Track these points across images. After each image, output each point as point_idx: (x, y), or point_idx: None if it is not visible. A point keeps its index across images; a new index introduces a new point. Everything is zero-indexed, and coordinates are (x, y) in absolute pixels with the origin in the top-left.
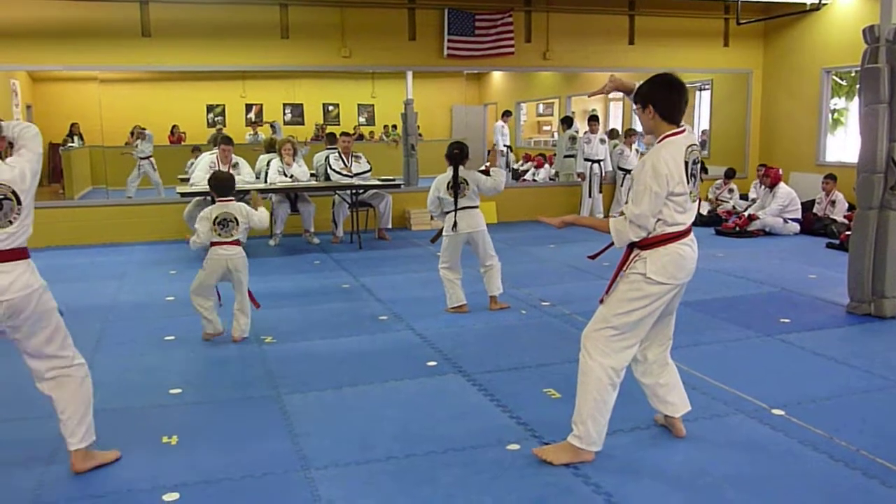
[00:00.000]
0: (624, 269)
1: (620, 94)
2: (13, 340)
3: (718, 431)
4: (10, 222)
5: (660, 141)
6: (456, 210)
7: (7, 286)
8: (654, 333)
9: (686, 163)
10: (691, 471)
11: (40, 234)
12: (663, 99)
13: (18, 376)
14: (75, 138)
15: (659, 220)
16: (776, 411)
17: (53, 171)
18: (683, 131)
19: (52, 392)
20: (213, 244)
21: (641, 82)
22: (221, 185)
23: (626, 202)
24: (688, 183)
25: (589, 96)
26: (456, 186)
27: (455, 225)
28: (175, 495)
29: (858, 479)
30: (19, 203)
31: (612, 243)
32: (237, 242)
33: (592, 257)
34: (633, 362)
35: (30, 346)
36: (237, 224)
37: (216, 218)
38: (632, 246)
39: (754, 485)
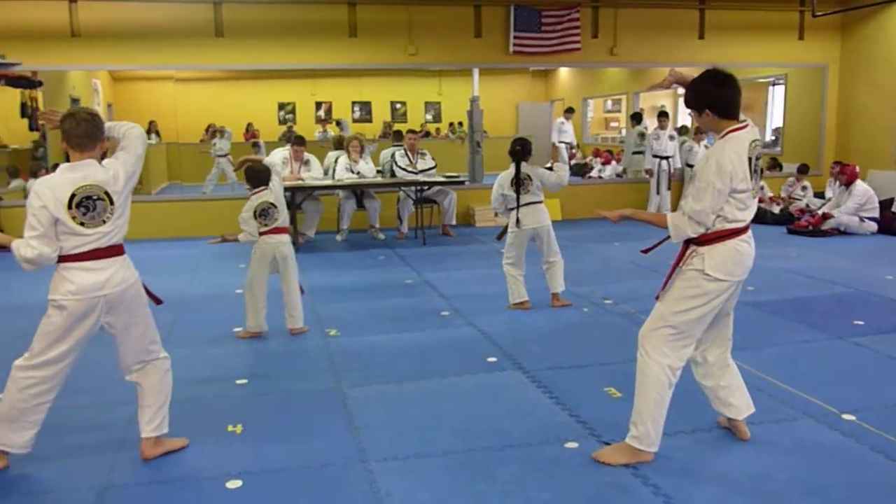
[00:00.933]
0: (681, 265)
1: None
2: (111, 335)
3: (784, 435)
4: (104, 222)
5: (723, 136)
6: (519, 206)
7: (104, 282)
8: (713, 335)
9: (749, 158)
10: (754, 475)
11: None
12: (716, 98)
13: (91, 365)
14: (153, 135)
15: (719, 216)
16: (847, 416)
17: None
18: (746, 125)
19: (138, 380)
20: (260, 234)
21: (688, 85)
22: (256, 175)
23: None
24: (750, 179)
25: (648, 89)
26: (519, 182)
27: (519, 221)
28: (238, 483)
29: None
30: (112, 203)
31: (667, 238)
32: (284, 230)
33: (646, 251)
34: (694, 364)
35: (126, 339)
36: (277, 209)
37: (256, 210)
38: (688, 242)
39: (821, 492)
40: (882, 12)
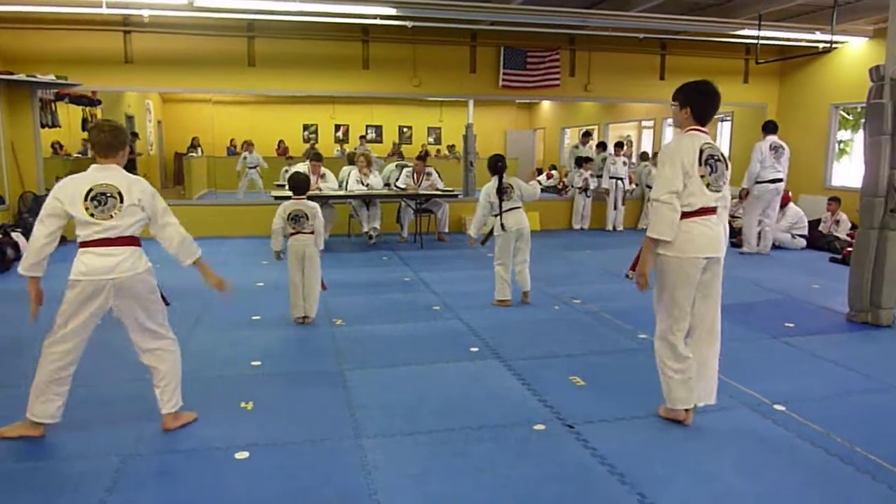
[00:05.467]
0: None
1: (651, 122)
2: (118, 317)
3: (724, 422)
4: (111, 217)
5: (685, 132)
6: (502, 212)
7: (112, 267)
8: (700, 328)
9: (701, 150)
10: (697, 456)
11: None
12: (701, 104)
13: (129, 346)
14: (197, 149)
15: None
16: (778, 407)
17: (177, 175)
18: (705, 132)
19: (153, 364)
20: (290, 235)
21: (684, 83)
22: (297, 184)
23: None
24: (702, 166)
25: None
26: (501, 191)
27: (503, 225)
28: (245, 454)
29: (851, 473)
30: (121, 202)
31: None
32: (309, 232)
33: (633, 268)
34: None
35: (132, 321)
36: (307, 219)
37: (289, 214)
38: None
39: (754, 473)
40: (813, 62)
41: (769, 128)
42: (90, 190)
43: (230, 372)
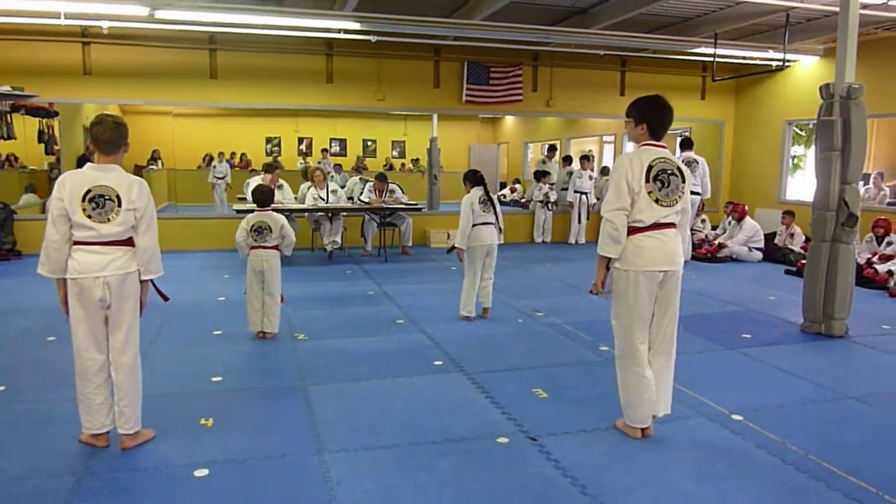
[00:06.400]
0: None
1: (612, 137)
2: (108, 316)
3: (683, 433)
4: (109, 220)
5: (640, 147)
6: (476, 224)
7: (105, 265)
8: (659, 342)
9: (651, 166)
10: (657, 467)
11: None
12: (655, 119)
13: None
14: (158, 162)
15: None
16: (735, 417)
17: None
18: (663, 146)
19: (120, 380)
20: (251, 248)
21: (636, 99)
22: (261, 197)
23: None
24: (649, 182)
25: None
26: (490, 200)
27: (478, 237)
28: (205, 471)
29: (806, 481)
30: (119, 206)
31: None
32: (274, 248)
33: (601, 285)
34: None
35: (114, 320)
36: (271, 231)
37: (253, 226)
38: None
39: (714, 482)
40: (767, 80)
41: (684, 144)
42: (88, 191)
43: (190, 388)
